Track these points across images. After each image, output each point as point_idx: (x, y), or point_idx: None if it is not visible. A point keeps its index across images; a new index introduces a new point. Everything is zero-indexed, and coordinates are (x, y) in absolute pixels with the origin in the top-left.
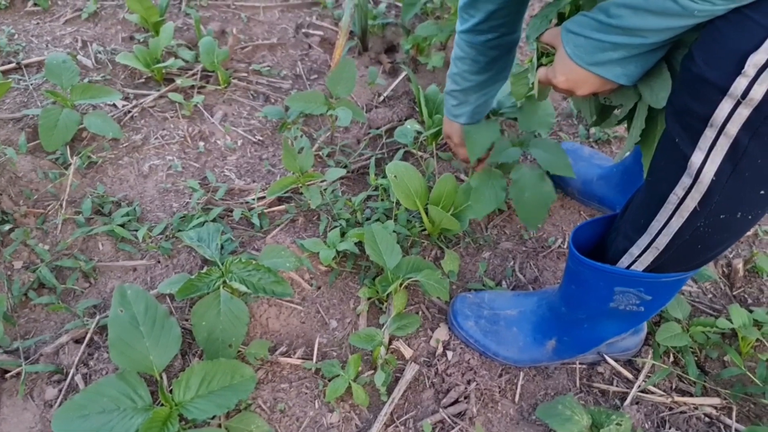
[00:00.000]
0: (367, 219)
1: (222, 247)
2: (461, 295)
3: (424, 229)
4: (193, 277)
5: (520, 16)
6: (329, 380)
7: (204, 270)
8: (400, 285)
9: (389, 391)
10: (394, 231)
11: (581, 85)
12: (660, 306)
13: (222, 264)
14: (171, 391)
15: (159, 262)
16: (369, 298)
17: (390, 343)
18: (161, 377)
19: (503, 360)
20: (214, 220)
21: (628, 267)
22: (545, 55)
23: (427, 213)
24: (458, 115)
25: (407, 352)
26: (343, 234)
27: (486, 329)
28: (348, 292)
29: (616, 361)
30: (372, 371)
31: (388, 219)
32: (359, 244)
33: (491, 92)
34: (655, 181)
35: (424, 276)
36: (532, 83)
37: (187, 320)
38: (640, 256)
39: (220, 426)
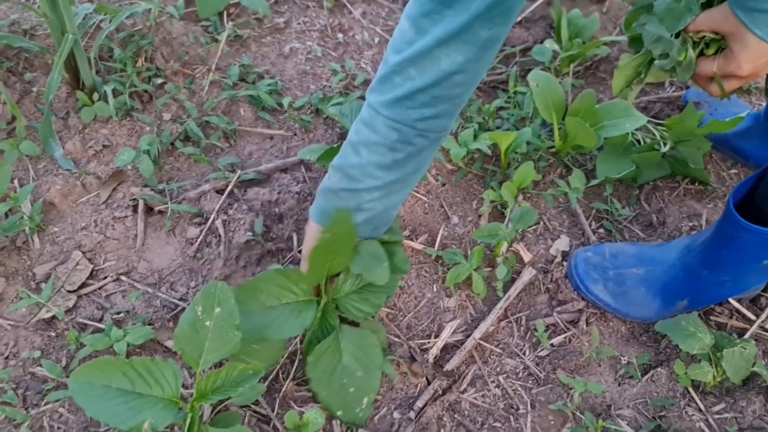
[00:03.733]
0: (498, 127)
1: None
2: (581, 255)
3: (552, 147)
4: (334, 146)
5: (474, 86)
6: (449, 268)
7: None
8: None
9: (505, 289)
10: (527, 141)
11: None
12: None
13: None
14: None
15: (295, 134)
16: (492, 201)
17: (510, 245)
18: None
19: (633, 320)
20: None
21: None
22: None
23: (560, 129)
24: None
25: (526, 256)
26: (474, 136)
27: (615, 292)
28: (472, 193)
29: (738, 301)
30: (489, 269)
31: (517, 130)
32: (492, 146)
33: (396, 201)
34: None
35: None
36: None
37: None
38: None
39: None
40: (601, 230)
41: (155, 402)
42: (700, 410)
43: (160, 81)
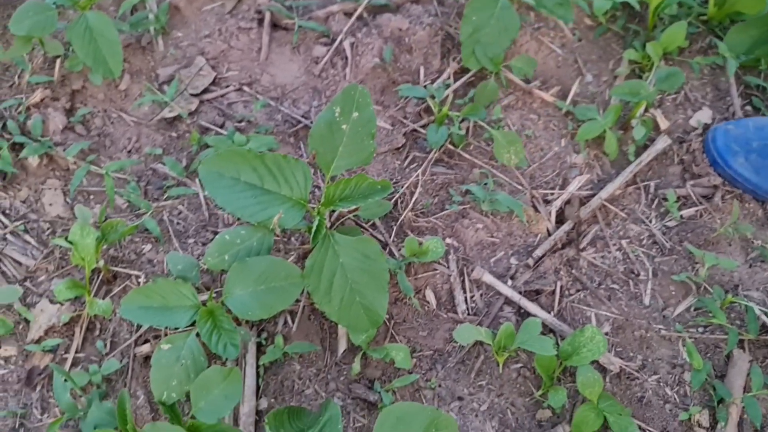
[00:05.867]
0: None
1: None
2: (720, 129)
3: (704, 14)
4: None
5: None
6: (579, 124)
7: None
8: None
9: (637, 154)
10: (679, 1)
11: None
12: None
13: None
14: None
15: None
16: (632, 63)
17: (648, 108)
18: None
19: None
20: None
21: None
22: None
23: None
24: None
25: (663, 124)
26: None
27: (757, 165)
28: (609, 52)
29: None
30: (622, 131)
31: None
32: (639, 2)
33: None
34: None
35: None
36: None
37: (450, 26)
38: None
39: None
40: (748, 107)
41: (283, 201)
42: None
43: None
